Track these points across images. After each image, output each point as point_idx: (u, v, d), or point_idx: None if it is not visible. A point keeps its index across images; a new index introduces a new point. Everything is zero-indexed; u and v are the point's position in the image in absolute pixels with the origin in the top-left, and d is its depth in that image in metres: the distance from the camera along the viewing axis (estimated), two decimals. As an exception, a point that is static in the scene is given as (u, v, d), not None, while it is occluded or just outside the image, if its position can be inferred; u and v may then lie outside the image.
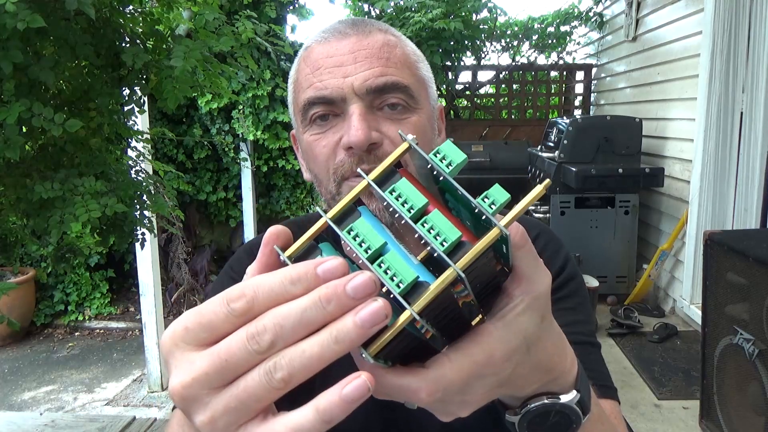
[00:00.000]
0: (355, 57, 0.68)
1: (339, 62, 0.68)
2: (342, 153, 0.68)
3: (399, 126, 0.69)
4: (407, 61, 0.71)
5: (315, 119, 0.70)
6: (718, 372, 2.11)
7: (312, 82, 0.69)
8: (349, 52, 0.68)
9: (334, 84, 0.67)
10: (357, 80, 0.67)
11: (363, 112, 0.67)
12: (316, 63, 0.70)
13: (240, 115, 4.09)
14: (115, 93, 1.34)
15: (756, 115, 3.11)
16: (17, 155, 1.10)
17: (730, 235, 2.18)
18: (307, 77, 0.70)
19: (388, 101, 0.68)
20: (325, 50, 0.70)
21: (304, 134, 0.72)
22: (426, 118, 0.72)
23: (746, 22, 3.14)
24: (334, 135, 0.69)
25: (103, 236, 1.47)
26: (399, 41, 0.72)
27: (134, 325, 4.17)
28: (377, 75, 0.67)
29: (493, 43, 5.76)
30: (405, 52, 0.72)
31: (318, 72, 0.69)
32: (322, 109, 0.69)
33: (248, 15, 1.70)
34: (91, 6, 1.08)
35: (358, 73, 0.67)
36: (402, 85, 0.68)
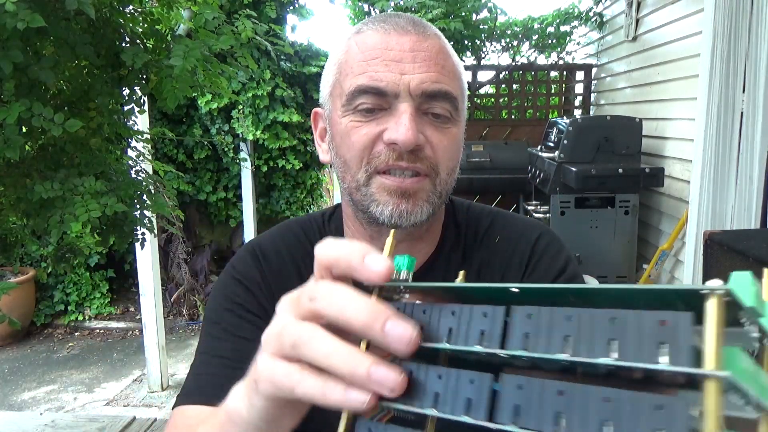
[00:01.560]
0: (415, 57, 0.68)
1: (398, 57, 0.67)
2: (381, 145, 0.68)
3: (440, 135, 0.69)
4: (457, 73, 0.72)
5: (361, 109, 0.69)
6: (718, 372, 2.11)
7: (366, 69, 0.68)
8: (409, 50, 0.68)
9: (390, 78, 0.67)
10: (414, 80, 0.67)
11: (413, 112, 0.67)
12: (373, 52, 0.68)
13: (240, 115, 4.09)
14: (115, 93, 1.34)
15: (756, 115, 3.11)
16: (17, 155, 1.10)
17: (730, 235, 2.18)
18: (359, 63, 0.69)
19: (434, 109, 0.68)
20: (384, 40, 0.69)
21: (342, 118, 0.70)
22: (462, 131, 0.73)
23: (746, 22, 3.14)
24: (377, 126, 0.68)
25: (103, 236, 1.47)
26: (450, 51, 0.73)
27: (134, 325, 4.17)
28: (434, 80, 0.67)
29: (493, 43, 5.75)
30: (454, 62, 0.73)
31: (374, 61, 0.68)
32: (372, 101, 0.68)
33: (248, 15, 1.70)
34: (91, 6, 1.08)
35: (416, 74, 0.67)
36: (452, 96, 0.69)
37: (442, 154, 0.69)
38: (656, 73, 4.16)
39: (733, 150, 3.28)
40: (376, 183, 0.69)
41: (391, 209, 0.68)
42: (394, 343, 0.31)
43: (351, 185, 0.72)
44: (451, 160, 0.71)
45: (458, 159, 0.73)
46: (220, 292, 0.82)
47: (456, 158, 0.72)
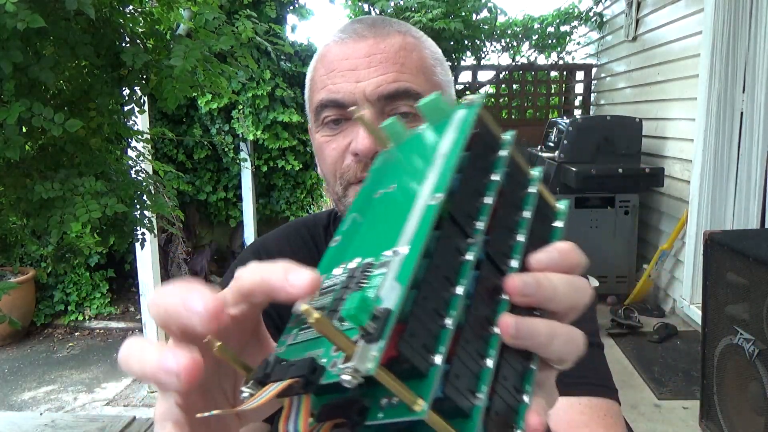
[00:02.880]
0: (370, 61, 0.67)
1: (353, 65, 0.67)
2: (350, 158, 0.68)
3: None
4: (423, 66, 0.70)
5: (327, 122, 0.70)
6: (718, 372, 2.11)
7: (326, 83, 0.69)
8: (364, 56, 0.68)
9: (346, 89, 0.67)
10: (369, 86, 0.66)
11: (373, 118, 0.66)
12: (331, 65, 0.69)
13: (240, 115, 4.09)
14: (115, 93, 1.34)
15: (756, 115, 3.11)
16: (17, 155, 1.10)
17: (730, 235, 2.18)
18: (321, 78, 0.70)
19: (399, 109, 0.67)
20: (341, 52, 0.69)
21: (316, 134, 0.72)
22: None
23: (746, 22, 3.14)
24: (344, 139, 0.69)
25: (103, 236, 1.47)
26: (418, 43, 0.71)
27: (134, 325, 4.17)
28: (390, 81, 0.66)
29: (493, 43, 5.75)
30: (422, 56, 0.71)
31: (332, 74, 0.69)
32: (334, 113, 0.69)
33: (248, 15, 1.70)
34: (91, 6, 1.08)
35: (371, 79, 0.67)
36: (414, 92, 0.67)
37: None
38: (656, 73, 4.16)
39: (733, 150, 3.28)
40: (351, 192, 0.70)
41: None
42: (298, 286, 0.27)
43: (334, 198, 0.73)
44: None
45: None
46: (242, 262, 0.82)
47: None
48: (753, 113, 3.13)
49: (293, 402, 0.27)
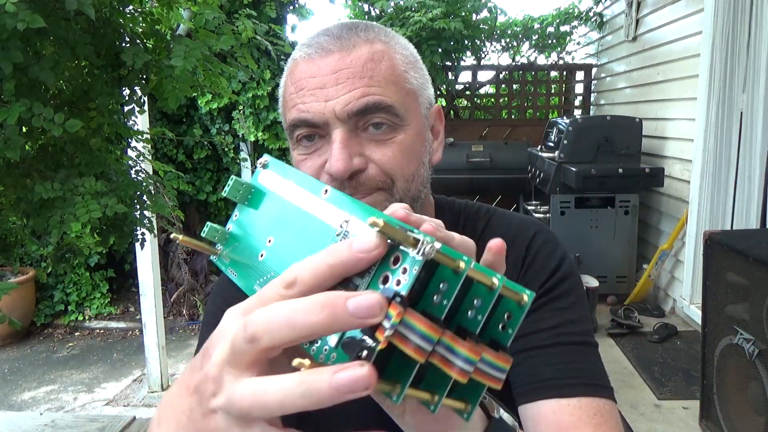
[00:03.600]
0: (337, 78, 0.66)
1: (321, 83, 0.67)
2: (325, 176, 0.67)
3: (384, 148, 0.67)
4: (393, 75, 0.68)
5: (300, 139, 0.70)
6: (718, 372, 2.11)
7: (296, 102, 0.68)
8: (330, 72, 0.67)
9: (316, 108, 0.66)
10: (338, 104, 0.65)
11: (345, 138, 0.66)
12: (300, 83, 0.69)
13: (240, 116, 4.09)
14: (115, 93, 1.34)
15: (756, 115, 3.11)
16: (17, 155, 1.10)
17: (730, 235, 2.18)
18: (291, 96, 0.70)
19: (372, 121, 0.67)
20: (308, 69, 0.68)
21: (293, 151, 0.72)
22: (414, 133, 0.70)
23: (746, 22, 3.14)
24: (319, 158, 0.68)
25: (103, 236, 1.47)
26: (387, 50, 0.69)
27: (134, 325, 4.17)
28: (358, 97, 0.65)
29: (493, 43, 5.75)
30: (392, 64, 0.69)
31: (301, 93, 0.68)
32: (306, 131, 0.69)
33: (248, 14, 1.70)
34: (91, 6, 1.08)
35: (339, 97, 0.66)
36: (385, 105, 0.66)
37: (392, 166, 0.68)
38: (656, 73, 4.16)
39: (733, 150, 3.28)
40: None
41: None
42: (365, 316, 0.27)
43: None
44: (407, 166, 0.69)
45: (417, 162, 0.71)
46: (219, 293, 0.82)
47: (413, 163, 0.70)
48: (753, 113, 3.13)
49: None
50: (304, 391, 0.27)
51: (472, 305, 0.32)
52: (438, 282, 0.30)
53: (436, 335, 0.29)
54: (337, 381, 0.26)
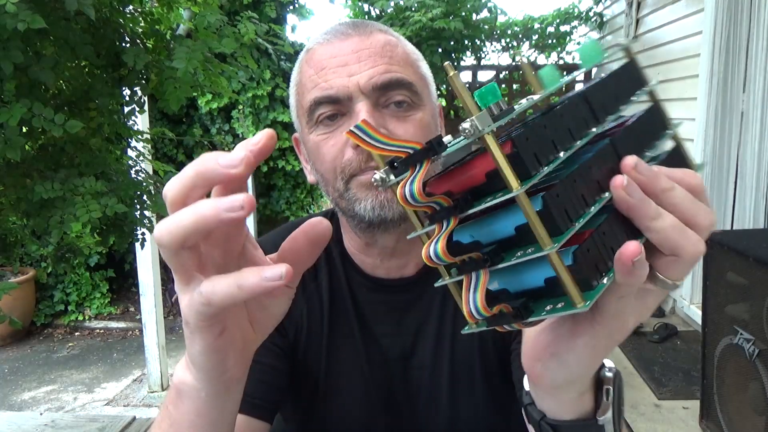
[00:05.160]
0: (359, 56, 0.68)
1: (343, 62, 0.69)
2: (350, 151, 0.69)
3: (405, 124, 0.69)
4: (409, 60, 0.72)
5: (322, 119, 0.70)
6: (718, 372, 2.11)
7: (317, 82, 0.70)
8: (352, 52, 0.69)
9: (339, 83, 0.68)
10: (362, 78, 0.67)
11: (370, 109, 0.67)
12: (320, 64, 0.70)
13: (240, 115, 4.09)
14: (115, 93, 1.34)
15: (756, 115, 3.11)
16: (18, 156, 1.10)
17: (730, 235, 2.18)
18: (311, 78, 0.71)
19: (394, 99, 0.69)
20: (328, 51, 0.70)
21: (310, 134, 0.72)
22: (430, 115, 0.73)
23: (746, 22, 3.14)
24: (342, 134, 0.69)
25: (103, 236, 1.47)
26: (399, 41, 0.74)
27: (134, 325, 4.17)
28: (382, 72, 0.68)
29: (493, 43, 5.75)
30: (406, 50, 0.73)
31: (323, 72, 0.69)
32: (330, 109, 0.69)
33: (249, 16, 1.70)
34: (91, 6, 1.08)
35: (363, 72, 0.68)
36: (407, 82, 0.69)
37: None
38: (656, 73, 4.16)
39: (733, 150, 3.28)
40: (354, 184, 0.70)
41: (371, 202, 0.69)
42: (233, 165, 0.34)
43: (334, 196, 0.73)
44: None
45: None
46: None
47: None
48: (753, 113, 3.13)
49: (471, 278, 0.33)
50: (193, 211, 0.33)
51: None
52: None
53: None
54: (221, 201, 0.32)
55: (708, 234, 0.35)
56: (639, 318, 0.37)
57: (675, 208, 0.33)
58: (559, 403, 0.44)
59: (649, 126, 0.39)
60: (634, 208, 0.32)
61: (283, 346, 0.78)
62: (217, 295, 0.34)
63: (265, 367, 0.74)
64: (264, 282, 0.33)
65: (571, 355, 0.38)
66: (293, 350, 0.79)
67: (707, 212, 0.34)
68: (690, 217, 0.34)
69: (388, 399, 0.79)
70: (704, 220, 0.34)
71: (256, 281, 0.33)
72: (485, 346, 0.77)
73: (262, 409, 0.72)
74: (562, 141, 0.33)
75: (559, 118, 0.34)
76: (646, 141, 0.38)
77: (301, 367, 0.79)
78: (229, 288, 0.34)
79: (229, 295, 0.34)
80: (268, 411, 0.73)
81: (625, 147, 0.35)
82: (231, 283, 0.34)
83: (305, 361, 0.79)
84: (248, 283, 0.33)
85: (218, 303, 0.35)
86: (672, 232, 0.33)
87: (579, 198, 0.32)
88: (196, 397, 0.42)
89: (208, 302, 0.35)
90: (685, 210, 0.34)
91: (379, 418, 0.79)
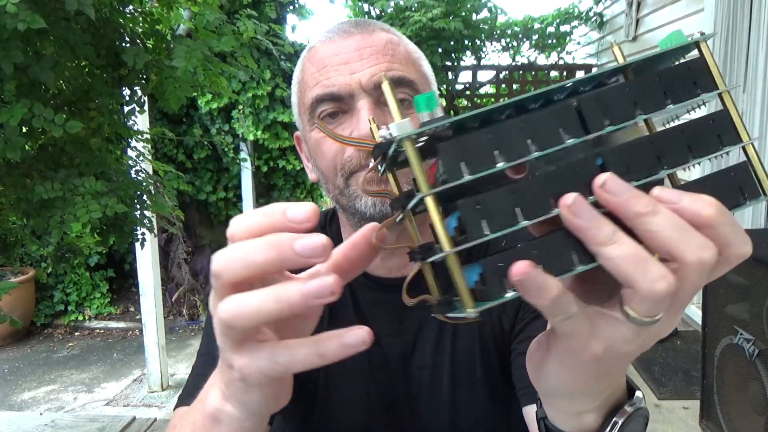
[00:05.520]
0: (361, 54, 0.69)
1: (345, 60, 0.69)
2: (351, 148, 0.69)
3: None
4: (411, 58, 0.73)
5: (324, 117, 0.71)
6: (718, 372, 2.11)
7: (319, 80, 0.70)
8: (354, 50, 0.69)
9: (341, 81, 0.68)
10: (364, 76, 0.68)
11: (371, 106, 0.68)
12: (322, 61, 0.70)
13: (240, 115, 4.09)
14: (115, 93, 1.34)
15: (756, 115, 3.11)
16: (18, 156, 1.10)
17: (730, 235, 2.18)
18: (313, 76, 0.71)
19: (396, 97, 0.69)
20: (330, 49, 0.71)
21: (311, 132, 0.73)
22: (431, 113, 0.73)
23: (746, 23, 3.14)
24: (343, 131, 0.70)
25: (103, 236, 1.47)
26: (401, 40, 0.74)
27: (134, 325, 4.17)
28: (384, 70, 0.68)
29: (493, 43, 5.75)
30: (408, 49, 0.73)
31: (325, 70, 0.70)
32: (331, 107, 0.70)
33: (249, 15, 1.70)
34: (91, 6, 1.08)
35: (365, 69, 0.68)
36: (408, 80, 0.69)
37: None
38: (656, 73, 4.16)
39: (733, 150, 3.27)
40: (355, 180, 0.70)
41: (373, 198, 0.69)
42: (310, 255, 0.30)
43: (335, 193, 0.73)
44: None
45: None
46: None
47: None
48: (753, 113, 3.13)
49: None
50: (276, 297, 0.31)
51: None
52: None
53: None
54: (307, 287, 0.30)
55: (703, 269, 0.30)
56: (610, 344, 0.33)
57: (651, 235, 0.29)
58: (555, 411, 0.43)
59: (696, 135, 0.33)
60: (580, 230, 0.29)
61: None
62: (296, 364, 0.32)
63: None
64: (344, 349, 0.31)
65: (548, 367, 0.36)
66: None
67: (699, 247, 0.30)
68: (670, 249, 0.29)
69: (388, 399, 0.79)
70: (691, 256, 0.29)
71: (337, 349, 0.31)
72: (486, 346, 0.77)
73: None
74: (508, 148, 0.31)
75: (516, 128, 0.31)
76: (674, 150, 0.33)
77: None
78: (309, 357, 0.32)
79: (310, 364, 0.32)
80: None
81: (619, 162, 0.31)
82: (311, 353, 0.32)
83: None
84: (331, 352, 0.31)
85: (297, 370, 0.33)
86: (623, 263, 0.29)
87: (506, 213, 0.30)
88: (239, 428, 0.40)
89: (286, 370, 0.33)
90: (665, 240, 0.29)
91: (379, 418, 0.79)
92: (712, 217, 0.30)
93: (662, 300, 0.29)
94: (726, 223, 0.31)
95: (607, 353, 0.33)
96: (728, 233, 0.31)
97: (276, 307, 0.30)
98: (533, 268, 0.28)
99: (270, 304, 0.31)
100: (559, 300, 0.29)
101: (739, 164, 0.34)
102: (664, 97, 0.33)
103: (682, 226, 0.30)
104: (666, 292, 0.29)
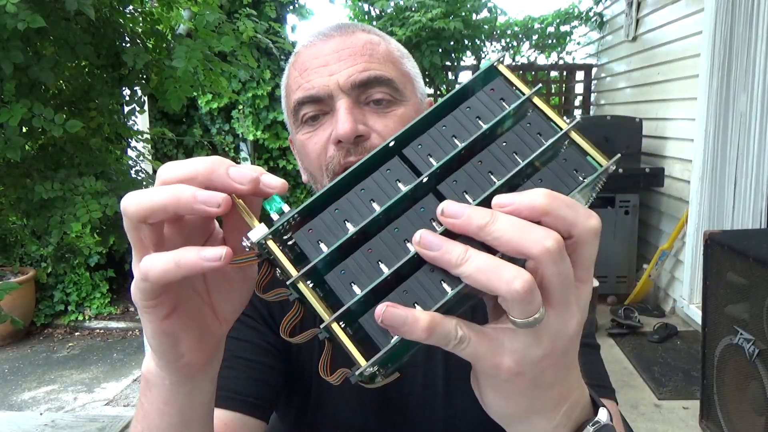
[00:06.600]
0: (339, 56, 0.70)
1: (324, 62, 0.71)
2: (332, 148, 0.70)
3: (385, 120, 0.70)
4: (390, 57, 0.73)
5: (306, 119, 0.72)
6: (718, 372, 2.11)
7: (300, 83, 0.72)
8: (333, 52, 0.71)
9: (320, 83, 0.70)
10: (342, 77, 0.69)
11: (349, 106, 0.69)
12: (303, 65, 0.72)
13: (240, 115, 4.09)
14: (115, 93, 1.34)
15: (756, 115, 3.11)
16: (18, 156, 1.10)
17: (730, 235, 2.18)
18: (295, 80, 0.73)
19: (373, 96, 0.70)
20: (311, 53, 0.73)
21: (297, 134, 0.75)
22: (413, 110, 0.74)
23: (746, 22, 3.14)
24: (324, 131, 0.71)
25: (103, 236, 1.47)
26: (382, 40, 0.75)
27: (134, 325, 4.17)
28: (361, 70, 0.69)
29: (493, 43, 5.75)
30: (389, 48, 0.74)
31: (306, 73, 0.72)
32: (312, 109, 0.71)
33: (248, 14, 1.70)
34: (91, 6, 1.08)
35: (342, 71, 0.69)
36: (386, 79, 0.70)
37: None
38: (656, 73, 4.16)
39: (733, 150, 3.28)
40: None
41: None
42: (240, 181, 0.34)
43: None
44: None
45: None
46: None
47: None
48: (753, 113, 3.13)
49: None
50: (177, 259, 0.33)
51: None
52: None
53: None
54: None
55: (551, 256, 0.31)
56: (518, 355, 0.33)
57: (498, 242, 0.31)
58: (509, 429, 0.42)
59: (517, 142, 0.36)
60: (435, 260, 0.31)
61: (277, 345, 0.78)
62: (154, 270, 0.34)
63: (260, 366, 0.74)
64: (202, 261, 0.33)
65: (486, 397, 0.37)
66: (287, 349, 0.79)
67: (540, 238, 0.31)
68: (517, 248, 0.31)
69: (381, 398, 0.79)
70: (536, 248, 0.31)
71: (194, 260, 0.33)
72: None
73: (258, 407, 0.72)
74: (357, 215, 0.34)
75: (356, 195, 0.35)
76: (503, 160, 0.36)
77: (294, 366, 0.79)
78: (166, 264, 0.33)
79: (166, 272, 0.34)
80: (263, 409, 0.73)
81: (458, 188, 0.35)
82: (168, 260, 0.33)
83: (298, 360, 0.79)
84: (186, 261, 0.33)
85: (155, 279, 0.34)
86: (480, 275, 0.30)
87: (369, 271, 0.33)
88: (161, 385, 0.43)
89: (145, 278, 0.34)
90: (510, 242, 0.31)
91: (372, 417, 0.79)
92: (545, 204, 0.32)
93: (526, 297, 0.30)
94: (561, 206, 0.32)
95: (522, 365, 0.33)
96: (567, 215, 0.33)
97: (167, 197, 0.34)
98: (392, 307, 0.30)
99: (163, 195, 0.34)
100: (436, 328, 0.30)
101: (567, 150, 0.37)
102: (478, 120, 0.36)
103: (520, 224, 0.31)
104: (525, 289, 0.30)
